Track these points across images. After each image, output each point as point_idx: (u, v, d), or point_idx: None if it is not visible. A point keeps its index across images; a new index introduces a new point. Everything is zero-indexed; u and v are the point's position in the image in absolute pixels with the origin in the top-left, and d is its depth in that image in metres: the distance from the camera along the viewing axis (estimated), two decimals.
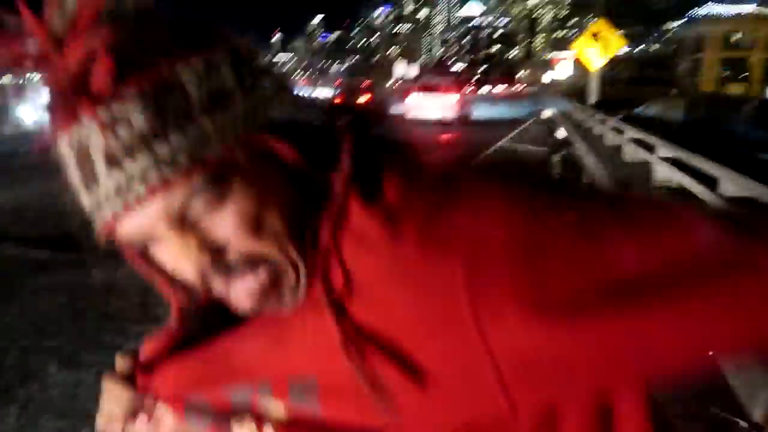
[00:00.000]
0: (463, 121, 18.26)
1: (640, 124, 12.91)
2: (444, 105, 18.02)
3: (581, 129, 14.88)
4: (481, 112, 21.87)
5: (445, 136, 14.69)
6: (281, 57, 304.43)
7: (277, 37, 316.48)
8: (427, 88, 18.67)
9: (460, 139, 14.87)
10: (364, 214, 0.46)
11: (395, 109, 19.66)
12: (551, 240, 0.42)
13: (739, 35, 52.86)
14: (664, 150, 7.06)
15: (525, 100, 42.05)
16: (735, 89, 51.22)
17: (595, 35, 16.84)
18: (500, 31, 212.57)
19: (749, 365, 2.68)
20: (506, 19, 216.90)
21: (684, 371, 0.43)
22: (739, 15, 57.53)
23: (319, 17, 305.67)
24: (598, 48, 17.03)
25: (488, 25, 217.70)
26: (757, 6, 59.57)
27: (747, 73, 52.33)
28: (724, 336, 0.41)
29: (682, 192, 5.80)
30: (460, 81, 21.29)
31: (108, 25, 0.43)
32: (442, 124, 17.21)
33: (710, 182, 5.07)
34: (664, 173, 6.69)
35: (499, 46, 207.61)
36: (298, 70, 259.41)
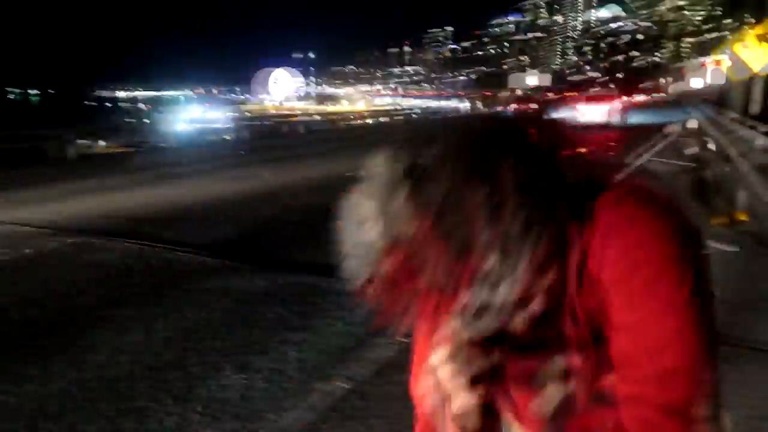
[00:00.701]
0: (622, 125, 23.20)
1: None
2: (606, 111, 23.50)
3: (737, 142, 13.46)
4: (632, 118, 26.74)
5: (607, 136, 18.16)
6: (408, 69, 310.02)
7: (405, 49, 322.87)
8: (593, 99, 25.09)
9: (619, 138, 18.57)
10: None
11: (557, 115, 25.13)
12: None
13: None
14: None
15: (670, 107, 40.32)
16: None
17: (760, 36, 15.17)
18: (640, 35, 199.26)
19: None
20: (647, 23, 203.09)
21: None
22: None
23: (446, 29, 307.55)
24: (762, 51, 15.32)
25: (627, 29, 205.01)
26: None
27: None
28: None
29: None
30: (619, 92, 29.52)
31: None
32: (604, 127, 21.56)
33: None
34: None
35: (637, 52, 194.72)
36: (421, 83, 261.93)
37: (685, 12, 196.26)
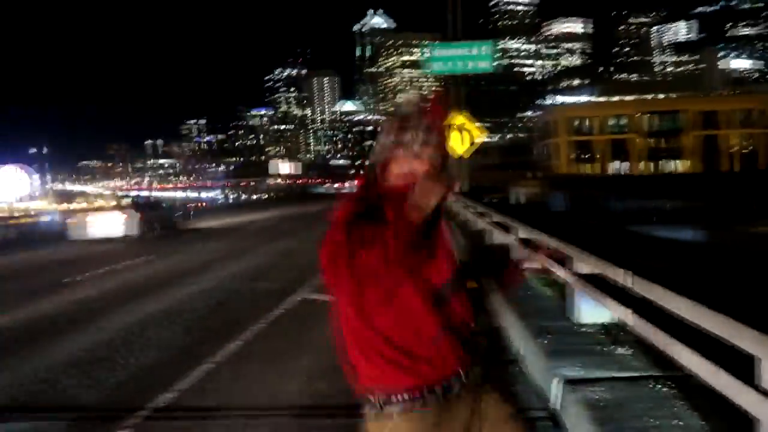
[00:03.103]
0: None
1: (502, 206, 14.14)
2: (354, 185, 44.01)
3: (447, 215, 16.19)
4: None
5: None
6: (160, 161, 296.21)
7: (158, 142, 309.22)
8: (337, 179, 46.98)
9: None
10: None
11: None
12: None
13: (579, 121, 59.79)
14: (522, 232, 7.63)
15: None
16: (584, 169, 57.44)
17: (458, 128, 18.65)
18: (374, 126, 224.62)
19: None
20: (381, 116, 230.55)
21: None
22: (579, 103, 65.17)
23: (197, 121, 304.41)
24: (460, 138, 18.80)
25: (365, 121, 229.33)
26: (590, 96, 68.48)
27: (590, 154, 58.93)
28: None
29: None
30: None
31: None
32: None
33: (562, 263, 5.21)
34: (523, 254, 7.30)
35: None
36: (177, 175, 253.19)
37: None
